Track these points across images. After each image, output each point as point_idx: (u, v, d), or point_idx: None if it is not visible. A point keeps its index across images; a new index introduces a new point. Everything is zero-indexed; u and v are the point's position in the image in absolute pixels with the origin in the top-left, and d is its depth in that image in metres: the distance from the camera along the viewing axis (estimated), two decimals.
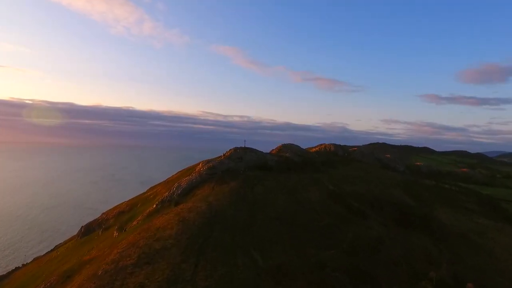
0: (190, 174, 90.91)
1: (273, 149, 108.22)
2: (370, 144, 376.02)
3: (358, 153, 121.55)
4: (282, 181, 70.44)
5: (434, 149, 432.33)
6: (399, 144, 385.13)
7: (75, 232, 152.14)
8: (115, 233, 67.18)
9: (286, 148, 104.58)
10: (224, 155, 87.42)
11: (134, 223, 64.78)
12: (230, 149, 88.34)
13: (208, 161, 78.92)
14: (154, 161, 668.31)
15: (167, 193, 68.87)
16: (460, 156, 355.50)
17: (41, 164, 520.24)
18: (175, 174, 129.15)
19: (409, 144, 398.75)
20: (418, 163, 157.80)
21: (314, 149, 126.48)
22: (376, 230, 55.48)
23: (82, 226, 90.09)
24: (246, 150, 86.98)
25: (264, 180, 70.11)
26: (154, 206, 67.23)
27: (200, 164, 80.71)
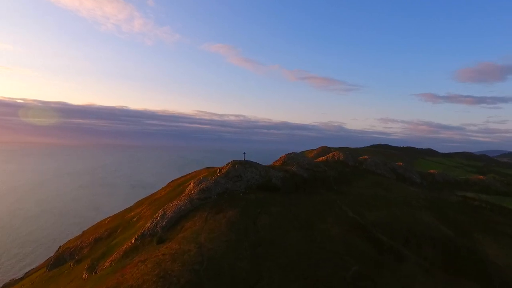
0: (181, 192, 77.42)
1: (276, 161, 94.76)
2: (372, 146, 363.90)
3: (370, 162, 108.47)
4: (291, 208, 57.03)
5: (433, 148, 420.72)
6: (401, 146, 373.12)
7: (55, 247, 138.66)
8: (85, 274, 53.74)
9: (291, 159, 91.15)
10: (220, 171, 73.82)
11: (107, 264, 51.19)
12: (227, 164, 74.74)
13: (200, 181, 65.27)
14: (147, 163, 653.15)
15: (149, 224, 55.20)
16: (465, 158, 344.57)
17: (31, 166, 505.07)
18: (166, 187, 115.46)
19: (411, 146, 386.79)
20: (432, 171, 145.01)
21: (321, 159, 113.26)
22: (419, 281, 42.34)
23: (51, 257, 76.12)
24: (246, 165, 73.47)
25: (269, 206, 56.67)
26: (133, 241, 53.59)
27: (191, 184, 67.08)
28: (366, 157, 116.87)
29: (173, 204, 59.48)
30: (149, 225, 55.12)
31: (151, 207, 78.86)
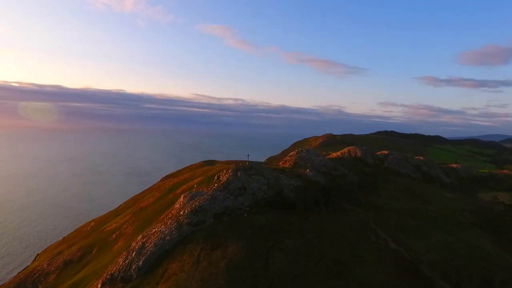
0: (169, 205, 62.69)
1: (285, 160, 79.63)
2: (378, 132, 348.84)
3: (392, 160, 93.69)
4: (314, 239, 42.31)
5: (428, 133, 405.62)
6: (408, 133, 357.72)
7: (35, 248, 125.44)
8: None
9: (303, 159, 76.22)
10: (218, 179, 58.82)
11: None
12: (227, 171, 59.64)
13: (192, 197, 50.32)
14: (144, 148, 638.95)
15: (122, 261, 40.52)
16: (475, 146, 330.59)
17: (26, 152, 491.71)
18: (156, 189, 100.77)
19: (418, 133, 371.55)
20: (454, 166, 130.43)
21: (335, 155, 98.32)
22: None
23: (12, 286, 61.87)
24: (251, 171, 58.47)
25: (284, 237, 41.97)
26: (99, 286, 39.09)
27: (181, 198, 52.16)
28: (386, 152, 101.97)
29: (156, 230, 44.70)
30: (121, 262, 40.49)
31: (134, 222, 64.30)
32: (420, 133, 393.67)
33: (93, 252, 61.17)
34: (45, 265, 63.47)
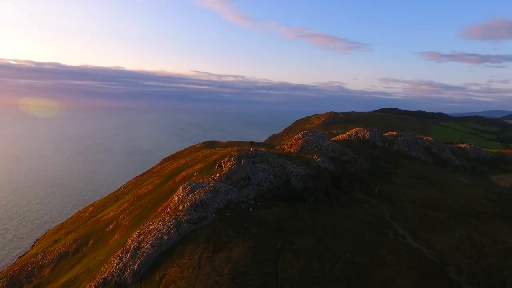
0: (168, 194, 58.80)
1: (291, 144, 75.04)
2: (380, 110, 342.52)
3: (402, 142, 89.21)
4: (327, 238, 38.37)
5: (428, 109, 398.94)
6: (411, 110, 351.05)
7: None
8: None
9: (309, 143, 71.75)
10: (220, 168, 54.53)
11: None
12: (229, 158, 55.21)
13: (192, 189, 46.17)
14: (144, 126, 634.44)
15: (115, 263, 36.82)
16: (478, 123, 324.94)
17: (26, 132, 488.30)
18: (156, 173, 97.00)
19: (420, 109, 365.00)
20: (462, 145, 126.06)
21: (341, 137, 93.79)
22: None
23: (5, 279, 58.81)
24: (255, 159, 54.09)
25: (295, 236, 38.03)
26: None
27: (180, 190, 48.05)
28: (395, 133, 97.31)
29: (153, 227, 40.78)
30: (115, 264, 36.76)
31: (131, 212, 60.60)
32: (422, 109, 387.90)
33: (89, 244, 57.84)
34: (40, 258, 60.29)
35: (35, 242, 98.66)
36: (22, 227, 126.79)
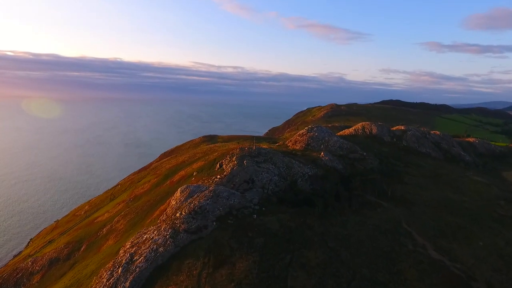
0: (166, 195, 55.05)
1: (295, 141, 70.93)
2: (383, 101, 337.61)
3: (410, 137, 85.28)
4: (340, 250, 34.63)
5: (430, 101, 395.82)
6: (413, 101, 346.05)
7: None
8: None
9: (315, 140, 67.72)
10: (221, 168, 50.59)
11: None
12: (230, 158, 51.21)
13: (190, 193, 42.30)
14: (143, 118, 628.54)
15: (106, 278, 33.15)
16: (481, 115, 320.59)
17: (25, 124, 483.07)
18: (153, 169, 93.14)
19: (421, 100, 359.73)
20: (470, 140, 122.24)
21: (347, 132, 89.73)
22: None
23: None
24: (259, 158, 50.13)
25: (305, 248, 34.28)
26: None
27: (178, 193, 44.19)
28: (403, 127, 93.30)
29: (147, 236, 37.03)
30: (105, 280, 33.08)
31: (126, 215, 56.85)
32: (423, 100, 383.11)
33: (81, 249, 54.22)
34: (30, 263, 56.69)
35: (29, 242, 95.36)
36: (21, 225, 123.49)
